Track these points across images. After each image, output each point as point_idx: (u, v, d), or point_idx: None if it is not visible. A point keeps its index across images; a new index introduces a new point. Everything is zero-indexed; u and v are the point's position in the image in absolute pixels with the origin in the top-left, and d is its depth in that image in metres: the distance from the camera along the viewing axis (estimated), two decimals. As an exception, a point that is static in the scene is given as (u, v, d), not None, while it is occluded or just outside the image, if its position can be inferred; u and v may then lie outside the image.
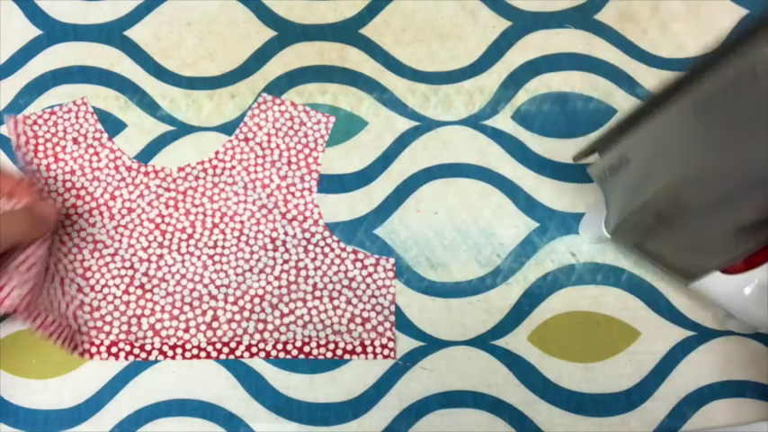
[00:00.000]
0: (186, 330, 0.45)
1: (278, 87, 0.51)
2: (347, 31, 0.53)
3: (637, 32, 0.52)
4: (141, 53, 0.52)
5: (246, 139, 0.49)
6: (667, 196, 0.35)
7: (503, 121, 0.50)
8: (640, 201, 0.37)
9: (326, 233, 0.47)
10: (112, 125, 0.51)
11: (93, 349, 0.45)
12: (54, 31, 0.53)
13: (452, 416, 0.44)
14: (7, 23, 0.53)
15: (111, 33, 0.53)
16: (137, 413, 0.45)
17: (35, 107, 0.51)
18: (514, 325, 0.46)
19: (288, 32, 0.53)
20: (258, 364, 0.46)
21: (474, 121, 0.50)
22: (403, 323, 0.46)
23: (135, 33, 0.53)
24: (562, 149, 0.50)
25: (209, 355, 0.45)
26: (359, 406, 0.45)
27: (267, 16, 0.53)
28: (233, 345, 0.45)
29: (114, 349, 0.45)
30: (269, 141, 0.49)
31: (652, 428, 0.44)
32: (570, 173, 0.49)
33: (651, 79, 0.51)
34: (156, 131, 0.50)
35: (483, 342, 0.46)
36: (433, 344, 0.46)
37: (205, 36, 0.53)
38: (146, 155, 0.50)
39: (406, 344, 0.46)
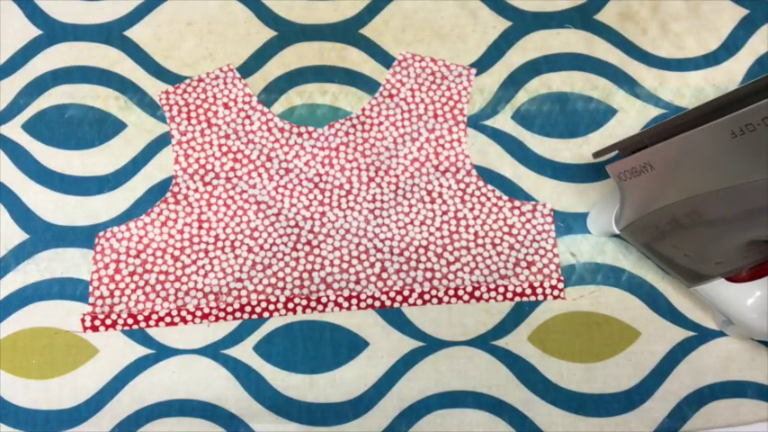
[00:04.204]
0: (357, 282, 0.46)
1: (278, 87, 0.51)
2: (347, 31, 0.53)
3: (637, 32, 0.52)
4: (141, 53, 0.52)
5: (391, 96, 0.50)
6: (687, 206, 0.37)
7: (503, 121, 0.50)
8: (658, 206, 0.38)
9: (480, 183, 0.48)
10: (112, 125, 0.51)
11: (272, 306, 0.46)
12: (54, 31, 0.53)
13: (452, 416, 0.44)
14: (7, 23, 0.53)
15: (111, 33, 0.53)
16: (137, 413, 0.45)
17: (35, 107, 0.51)
18: (514, 325, 0.46)
19: (288, 32, 0.53)
20: (258, 364, 0.46)
21: (474, 121, 0.50)
22: (403, 323, 0.46)
23: (135, 33, 0.53)
24: (562, 149, 0.50)
25: (383, 305, 0.46)
26: (359, 406, 0.45)
27: (267, 16, 0.53)
28: (406, 293, 0.46)
29: (291, 305, 0.46)
30: (413, 96, 0.50)
31: (652, 429, 0.44)
32: (570, 173, 0.49)
33: (651, 79, 0.51)
34: (157, 131, 0.50)
35: (483, 342, 0.46)
36: (433, 344, 0.46)
37: (205, 36, 0.53)
38: (146, 155, 0.50)
39: (406, 344, 0.46)
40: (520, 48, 0.52)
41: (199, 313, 0.46)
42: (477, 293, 0.46)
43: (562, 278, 0.46)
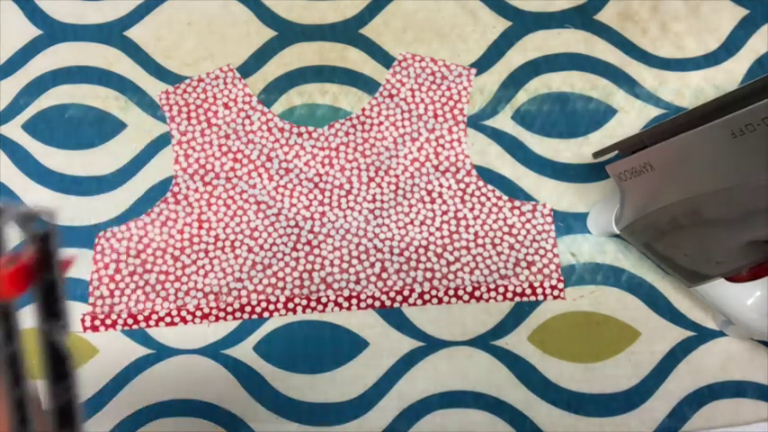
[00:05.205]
0: (357, 282, 0.46)
1: (278, 87, 0.51)
2: (347, 31, 0.53)
3: (637, 32, 0.52)
4: (141, 53, 0.52)
5: (391, 96, 0.50)
6: (687, 206, 0.37)
7: (503, 121, 0.50)
8: (658, 206, 0.38)
9: (480, 183, 0.48)
10: (112, 125, 0.51)
11: (272, 306, 0.46)
12: (54, 31, 0.53)
13: (452, 416, 0.44)
14: (7, 23, 0.53)
15: (111, 33, 0.53)
16: (137, 413, 0.45)
17: (35, 107, 0.51)
18: (514, 325, 0.46)
19: (288, 32, 0.53)
20: (258, 364, 0.46)
21: (474, 121, 0.50)
22: (403, 323, 0.46)
23: (135, 33, 0.53)
24: (562, 149, 0.50)
25: (383, 305, 0.46)
26: (359, 406, 0.45)
27: (267, 16, 0.53)
28: (406, 293, 0.46)
29: (291, 305, 0.46)
30: (413, 96, 0.50)
31: (652, 429, 0.44)
32: (570, 173, 0.49)
33: (651, 79, 0.51)
34: (156, 131, 0.50)
35: (483, 342, 0.46)
36: (433, 344, 0.46)
37: (205, 36, 0.53)
38: (146, 155, 0.50)
39: (406, 344, 0.46)
40: (520, 48, 0.52)
41: (199, 313, 0.46)
42: (477, 293, 0.46)
43: (562, 278, 0.46)
